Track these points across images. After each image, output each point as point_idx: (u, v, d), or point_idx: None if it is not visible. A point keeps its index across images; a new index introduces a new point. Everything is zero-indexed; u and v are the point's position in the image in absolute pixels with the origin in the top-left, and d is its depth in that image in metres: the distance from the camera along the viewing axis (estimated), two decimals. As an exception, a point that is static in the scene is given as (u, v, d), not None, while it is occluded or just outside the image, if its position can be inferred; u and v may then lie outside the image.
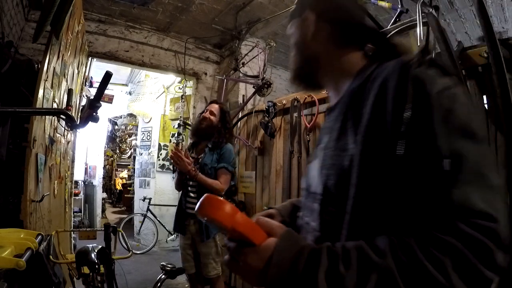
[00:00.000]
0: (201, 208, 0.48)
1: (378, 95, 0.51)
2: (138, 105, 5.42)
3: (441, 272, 0.39)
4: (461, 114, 0.46)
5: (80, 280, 1.51)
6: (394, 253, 0.41)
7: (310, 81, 0.73)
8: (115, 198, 9.38)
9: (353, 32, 0.67)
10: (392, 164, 0.47)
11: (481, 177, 0.44)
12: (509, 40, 1.41)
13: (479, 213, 0.41)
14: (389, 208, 0.48)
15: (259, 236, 0.47)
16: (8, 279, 0.87)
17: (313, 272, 0.42)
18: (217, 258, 2.06)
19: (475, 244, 0.40)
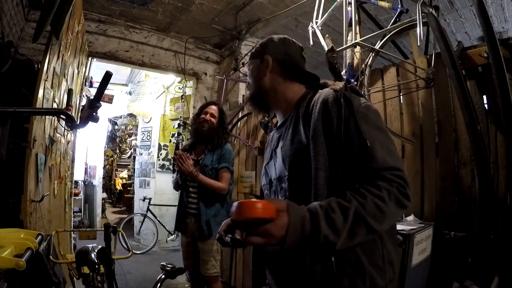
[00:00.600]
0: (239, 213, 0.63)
1: (322, 107, 0.83)
2: (138, 105, 5.42)
3: (383, 202, 0.68)
4: (372, 116, 0.80)
5: (80, 280, 1.50)
6: (355, 198, 0.69)
7: (262, 104, 1.03)
8: (115, 198, 9.38)
9: (296, 72, 0.99)
10: (335, 147, 0.78)
11: (388, 149, 0.76)
12: (509, 40, 1.42)
13: (393, 168, 0.72)
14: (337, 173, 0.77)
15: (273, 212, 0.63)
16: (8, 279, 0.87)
17: (317, 223, 0.65)
18: (217, 257, 2.07)
19: (395, 184, 0.70)
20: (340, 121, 0.79)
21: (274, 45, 1.02)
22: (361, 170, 0.74)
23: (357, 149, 0.75)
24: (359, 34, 1.98)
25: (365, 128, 0.76)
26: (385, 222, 0.70)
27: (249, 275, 2.85)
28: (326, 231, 0.65)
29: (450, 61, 1.44)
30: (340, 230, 0.66)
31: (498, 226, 1.34)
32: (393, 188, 0.69)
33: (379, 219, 0.68)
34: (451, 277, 1.45)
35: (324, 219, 0.66)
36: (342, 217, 0.66)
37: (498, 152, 1.42)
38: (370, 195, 0.68)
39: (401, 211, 0.72)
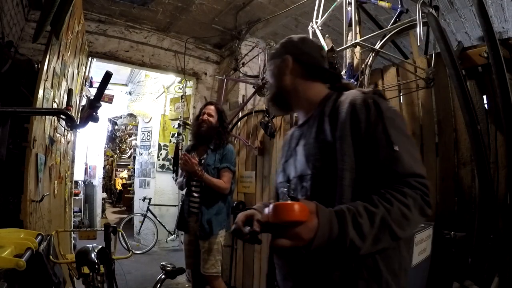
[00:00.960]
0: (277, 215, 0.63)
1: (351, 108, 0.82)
2: (138, 105, 5.42)
3: (408, 209, 0.69)
4: (398, 121, 0.82)
5: (80, 280, 1.50)
6: (382, 204, 0.69)
7: (283, 104, 1.03)
8: (115, 198, 9.38)
9: (317, 72, 0.98)
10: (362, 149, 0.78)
11: (413, 155, 0.77)
12: (509, 40, 1.42)
13: (418, 174, 0.73)
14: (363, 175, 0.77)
15: (307, 214, 0.63)
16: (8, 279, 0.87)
17: (344, 227, 0.66)
18: (218, 256, 2.08)
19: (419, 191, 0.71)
20: (369, 124, 0.79)
21: (294, 45, 1.02)
22: (387, 174, 0.74)
23: (384, 153, 0.75)
24: (359, 34, 1.98)
25: (393, 132, 0.77)
26: (408, 229, 0.71)
27: (249, 275, 2.85)
28: (353, 235, 0.65)
29: (450, 61, 1.44)
30: (366, 236, 0.66)
31: (498, 226, 1.34)
32: (418, 195, 0.70)
33: (404, 226, 0.69)
34: (451, 277, 1.45)
35: (351, 224, 0.66)
36: (369, 223, 0.66)
37: (498, 152, 1.42)
38: (396, 202, 0.68)
39: (423, 219, 0.73)
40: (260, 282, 2.73)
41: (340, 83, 0.99)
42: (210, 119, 2.21)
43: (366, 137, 0.78)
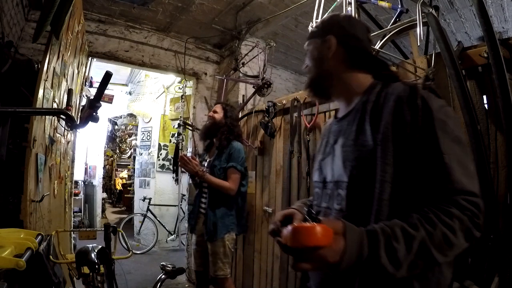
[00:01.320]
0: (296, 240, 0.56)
1: (395, 106, 0.71)
2: (138, 105, 5.42)
3: (452, 233, 0.60)
4: (451, 125, 0.68)
5: (80, 280, 1.50)
6: (424, 226, 0.60)
7: (322, 92, 0.91)
8: (115, 198, 9.38)
9: (363, 58, 0.86)
10: (406, 158, 0.68)
11: (466, 167, 0.66)
12: (509, 40, 1.41)
13: (469, 192, 0.63)
14: (405, 189, 0.67)
15: (331, 238, 0.57)
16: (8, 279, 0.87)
17: (376, 252, 0.58)
18: (225, 259, 2.05)
19: (468, 212, 0.61)
20: (415, 128, 0.68)
21: (339, 25, 0.88)
22: (433, 190, 0.65)
23: (431, 164, 0.66)
24: (359, 34, 1.98)
25: (443, 139, 0.66)
26: (450, 255, 0.62)
27: (249, 275, 2.85)
28: (385, 261, 0.58)
29: (450, 61, 1.44)
30: (401, 262, 0.59)
31: (498, 226, 1.34)
32: (466, 217, 0.61)
33: (445, 252, 0.61)
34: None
35: (384, 248, 0.59)
36: (405, 248, 0.59)
37: (498, 152, 1.41)
38: (440, 225, 0.60)
39: (467, 243, 0.63)
40: (260, 282, 2.73)
41: (386, 71, 0.86)
42: (214, 115, 2.22)
43: (411, 144, 0.68)
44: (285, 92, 4.01)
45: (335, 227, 0.59)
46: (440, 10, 2.00)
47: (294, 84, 4.28)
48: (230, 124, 2.21)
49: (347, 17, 0.91)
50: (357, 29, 0.88)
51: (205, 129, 2.29)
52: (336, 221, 0.61)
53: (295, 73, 4.31)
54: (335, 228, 0.59)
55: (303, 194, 2.31)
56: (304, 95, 2.40)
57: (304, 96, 2.39)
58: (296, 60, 3.94)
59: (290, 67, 4.18)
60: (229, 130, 2.18)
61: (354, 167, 0.74)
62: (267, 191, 2.76)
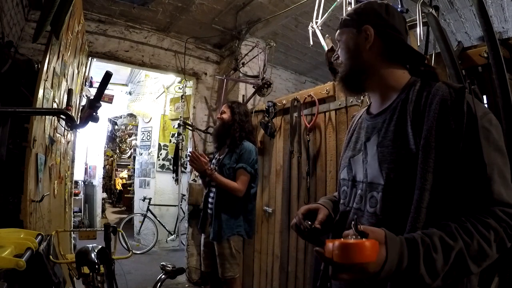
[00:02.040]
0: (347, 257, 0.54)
1: (440, 111, 0.68)
2: (138, 105, 5.42)
3: (488, 244, 0.60)
4: (495, 133, 0.67)
5: (80, 280, 1.50)
6: (461, 236, 0.60)
7: (357, 86, 0.86)
8: (115, 198, 9.38)
9: (401, 51, 0.81)
10: (448, 165, 0.66)
11: (505, 178, 0.65)
12: (509, 40, 1.41)
13: (507, 204, 0.63)
14: (444, 198, 0.66)
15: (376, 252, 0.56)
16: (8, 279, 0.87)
17: (416, 260, 0.58)
18: (232, 261, 2.04)
19: (504, 224, 0.61)
20: (459, 136, 0.65)
21: (377, 14, 0.82)
22: (472, 199, 0.64)
23: (473, 173, 0.65)
24: (359, 34, 1.98)
25: (486, 149, 0.65)
26: (483, 265, 0.62)
27: (249, 275, 2.85)
28: (423, 272, 0.58)
29: (450, 61, 1.44)
30: (439, 272, 0.59)
31: (498, 226, 1.34)
32: (501, 228, 0.62)
33: (479, 262, 0.61)
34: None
35: (423, 259, 0.58)
36: (443, 259, 0.59)
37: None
38: (477, 235, 0.60)
39: (500, 253, 0.64)
40: (260, 282, 2.73)
41: (425, 67, 0.82)
42: (223, 116, 2.21)
43: (453, 152, 0.66)
44: (285, 92, 4.01)
45: (378, 236, 0.58)
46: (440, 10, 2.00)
47: (294, 84, 4.28)
48: (240, 121, 2.17)
49: (385, 6, 0.83)
50: (396, 19, 0.82)
51: (216, 131, 2.26)
52: (378, 230, 0.60)
53: (295, 73, 4.31)
54: (378, 237, 0.58)
55: (303, 194, 2.31)
56: (304, 95, 2.40)
57: (304, 96, 2.39)
58: (296, 60, 3.94)
59: (290, 67, 4.18)
60: (240, 126, 2.15)
61: (392, 170, 0.72)
62: (267, 191, 2.76)
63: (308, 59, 3.90)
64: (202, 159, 2.00)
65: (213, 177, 2.01)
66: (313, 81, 4.45)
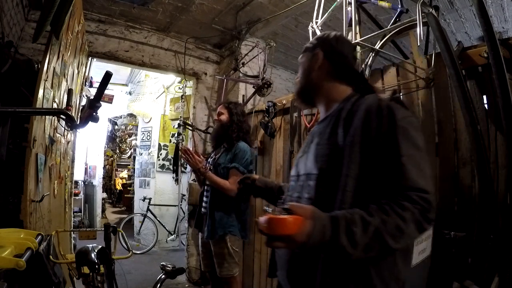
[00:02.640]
0: (271, 229, 0.67)
1: (365, 115, 0.82)
2: (138, 105, 5.42)
3: (404, 222, 0.70)
4: (412, 132, 0.79)
5: (80, 280, 1.50)
6: (378, 214, 0.71)
7: (308, 99, 1.06)
8: (115, 198, 9.38)
9: (345, 72, 0.99)
10: (369, 158, 0.79)
11: (421, 169, 0.76)
12: (509, 40, 1.41)
13: (421, 189, 0.73)
14: (367, 184, 0.78)
15: (301, 224, 0.68)
16: (8, 279, 0.87)
17: (337, 234, 0.69)
18: (230, 260, 2.04)
19: (419, 206, 0.71)
20: (379, 133, 0.79)
21: (328, 42, 1.01)
22: (390, 185, 0.75)
23: (391, 164, 0.76)
24: (359, 34, 1.98)
25: (403, 144, 0.77)
26: (402, 242, 0.72)
27: (249, 275, 2.85)
28: (345, 242, 0.68)
29: (450, 61, 1.44)
30: (358, 243, 0.69)
31: (498, 226, 1.34)
32: (416, 210, 0.71)
33: (397, 238, 0.70)
34: (451, 277, 1.45)
35: (344, 231, 0.69)
36: (362, 232, 0.69)
37: (498, 152, 1.41)
38: (393, 214, 0.70)
39: (419, 234, 0.75)
40: (260, 282, 2.73)
41: (365, 85, 0.98)
42: (221, 118, 2.20)
43: (375, 147, 0.78)
44: (285, 92, 4.01)
45: (305, 212, 0.70)
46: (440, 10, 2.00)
47: (294, 84, 4.28)
48: (238, 121, 2.18)
49: (337, 36, 1.02)
50: (344, 46, 1.01)
51: (215, 133, 2.26)
52: (307, 207, 0.73)
53: (295, 73, 4.29)
54: (305, 213, 0.70)
55: (303, 194, 2.30)
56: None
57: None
58: (296, 60, 3.92)
59: (290, 67, 4.18)
60: (238, 127, 2.16)
61: (324, 162, 0.87)
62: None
63: (308, 59, 3.89)
64: (196, 158, 2.01)
65: (207, 175, 2.02)
66: (313, 81, 4.44)
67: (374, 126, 0.80)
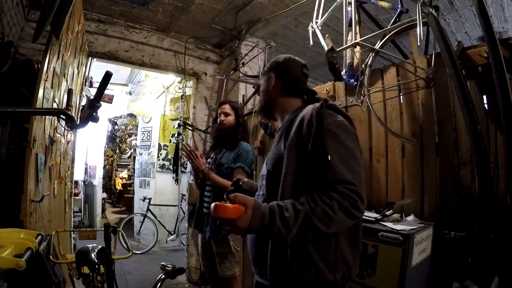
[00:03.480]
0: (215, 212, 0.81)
1: (299, 123, 1.00)
2: (138, 105, 5.42)
3: (332, 210, 0.83)
4: (341, 134, 0.94)
5: (80, 280, 1.50)
6: (308, 203, 0.84)
7: (268, 113, 1.25)
8: (115, 198, 9.38)
9: (294, 88, 1.17)
10: (304, 158, 0.94)
11: (348, 165, 0.89)
12: (509, 40, 1.41)
13: (347, 182, 0.86)
14: (303, 179, 0.93)
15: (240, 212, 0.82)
16: (8, 279, 0.88)
17: (273, 219, 0.83)
18: (232, 259, 2.04)
19: (346, 196, 0.84)
20: (309, 137, 0.94)
21: (279, 64, 1.20)
22: (320, 180, 0.88)
23: (320, 161, 0.89)
24: (359, 34, 1.98)
25: (330, 144, 0.90)
26: (332, 227, 0.84)
27: (249, 275, 2.85)
28: (279, 226, 0.82)
29: (450, 61, 1.44)
30: (291, 227, 0.82)
31: (498, 226, 1.34)
32: (344, 200, 0.83)
33: (327, 223, 0.83)
34: (451, 277, 1.45)
35: (279, 216, 0.83)
36: (294, 217, 0.83)
37: (498, 152, 1.41)
38: (321, 203, 0.83)
39: (351, 220, 0.87)
40: (260, 282, 2.73)
41: (311, 96, 1.16)
42: (229, 119, 2.17)
43: (307, 148, 0.93)
44: (285, 92, 4.01)
45: (248, 202, 0.83)
46: (440, 10, 1.99)
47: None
48: (243, 123, 2.19)
49: (286, 59, 1.20)
50: (293, 67, 1.19)
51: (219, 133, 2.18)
52: (249, 199, 0.85)
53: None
54: (248, 203, 0.83)
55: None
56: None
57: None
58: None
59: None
60: (243, 129, 2.18)
61: (271, 164, 1.07)
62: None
63: (308, 59, 3.88)
64: (201, 160, 2.01)
65: (210, 177, 2.01)
66: (313, 81, 4.44)
67: (306, 131, 0.96)
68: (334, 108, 1.03)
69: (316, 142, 0.92)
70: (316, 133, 0.93)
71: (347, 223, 0.87)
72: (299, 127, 0.99)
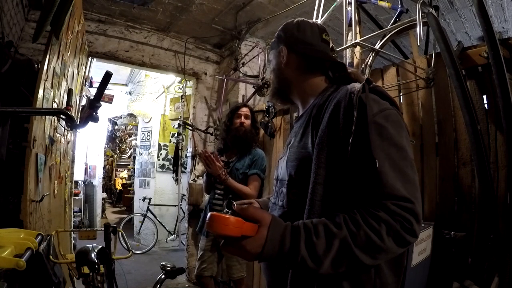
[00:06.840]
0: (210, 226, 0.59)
1: (332, 112, 0.72)
2: (138, 105, 5.42)
3: (377, 236, 0.59)
4: (390, 129, 0.67)
5: (80, 280, 1.50)
6: (347, 225, 0.61)
7: (284, 97, 0.96)
8: (115, 198, 9.37)
9: (315, 62, 0.88)
10: (341, 161, 0.68)
11: (402, 172, 0.64)
12: (509, 40, 1.42)
13: (402, 197, 0.61)
14: (339, 191, 0.68)
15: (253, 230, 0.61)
16: (8, 279, 0.87)
17: (297, 243, 0.60)
18: (242, 260, 2.03)
19: (398, 217, 0.60)
20: (348, 132, 0.67)
21: (289, 33, 0.91)
22: (363, 192, 0.64)
23: (364, 168, 0.64)
24: (359, 34, 1.98)
25: (378, 143, 0.64)
26: (380, 258, 0.62)
27: (249, 275, 2.85)
28: (304, 254, 0.60)
29: (450, 61, 1.44)
30: (321, 257, 0.60)
31: (498, 226, 1.34)
32: (396, 223, 0.60)
33: (371, 254, 0.60)
34: (451, 277, 1.45)
35: (304, 242, 0.60)
36: (325, 244, 0.60)
37: (498, 152, 1.42)
38: (364, 227, 0.60)
39: (402, 249, 0.63)
40: (260, 282, 2.73)
41: (341, 73, 0.87)
42: (248, 122, 2.14)
43: (344, 148, 0.67)
44: (285, 92, 4.01)
45: (264, 219, 0.62)
46: (440, 10, 2.00)
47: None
48: (257, 128, 2.21)
49: (296, 24, 0.91)
50: (307, 34, 0.89)
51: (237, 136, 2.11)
52: (265, 214, 0.64)
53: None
54: (264, 220, 0.62)
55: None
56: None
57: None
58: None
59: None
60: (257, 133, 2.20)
61: (293, 167, 0.79)
62: (267, 191, 2.76)
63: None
64: (217, 164, 1.97)
65: (227, 182, 1.98)
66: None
67: (343, 124, 0.69)
68: (379, 90, 0.74)
69: (357, 140, 0.66)
70: (358, 128, 0.66)
71: (397, 252, 0.63)
72: (333, 118, 0.71)
